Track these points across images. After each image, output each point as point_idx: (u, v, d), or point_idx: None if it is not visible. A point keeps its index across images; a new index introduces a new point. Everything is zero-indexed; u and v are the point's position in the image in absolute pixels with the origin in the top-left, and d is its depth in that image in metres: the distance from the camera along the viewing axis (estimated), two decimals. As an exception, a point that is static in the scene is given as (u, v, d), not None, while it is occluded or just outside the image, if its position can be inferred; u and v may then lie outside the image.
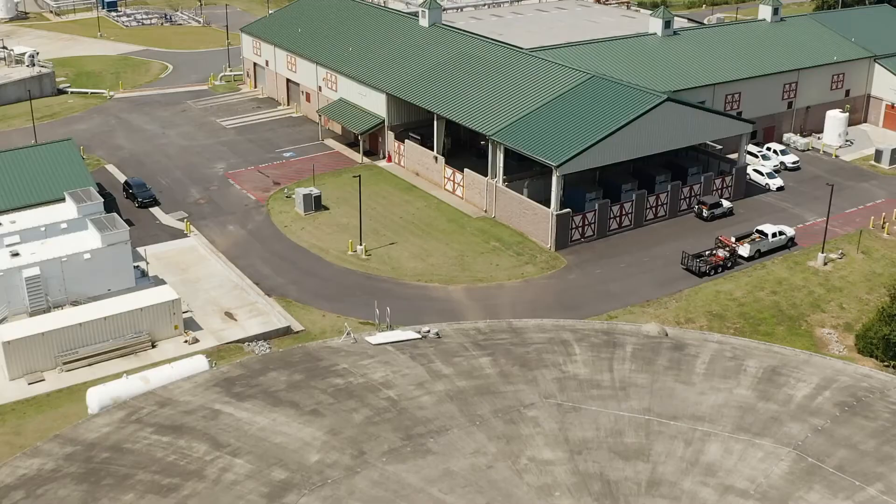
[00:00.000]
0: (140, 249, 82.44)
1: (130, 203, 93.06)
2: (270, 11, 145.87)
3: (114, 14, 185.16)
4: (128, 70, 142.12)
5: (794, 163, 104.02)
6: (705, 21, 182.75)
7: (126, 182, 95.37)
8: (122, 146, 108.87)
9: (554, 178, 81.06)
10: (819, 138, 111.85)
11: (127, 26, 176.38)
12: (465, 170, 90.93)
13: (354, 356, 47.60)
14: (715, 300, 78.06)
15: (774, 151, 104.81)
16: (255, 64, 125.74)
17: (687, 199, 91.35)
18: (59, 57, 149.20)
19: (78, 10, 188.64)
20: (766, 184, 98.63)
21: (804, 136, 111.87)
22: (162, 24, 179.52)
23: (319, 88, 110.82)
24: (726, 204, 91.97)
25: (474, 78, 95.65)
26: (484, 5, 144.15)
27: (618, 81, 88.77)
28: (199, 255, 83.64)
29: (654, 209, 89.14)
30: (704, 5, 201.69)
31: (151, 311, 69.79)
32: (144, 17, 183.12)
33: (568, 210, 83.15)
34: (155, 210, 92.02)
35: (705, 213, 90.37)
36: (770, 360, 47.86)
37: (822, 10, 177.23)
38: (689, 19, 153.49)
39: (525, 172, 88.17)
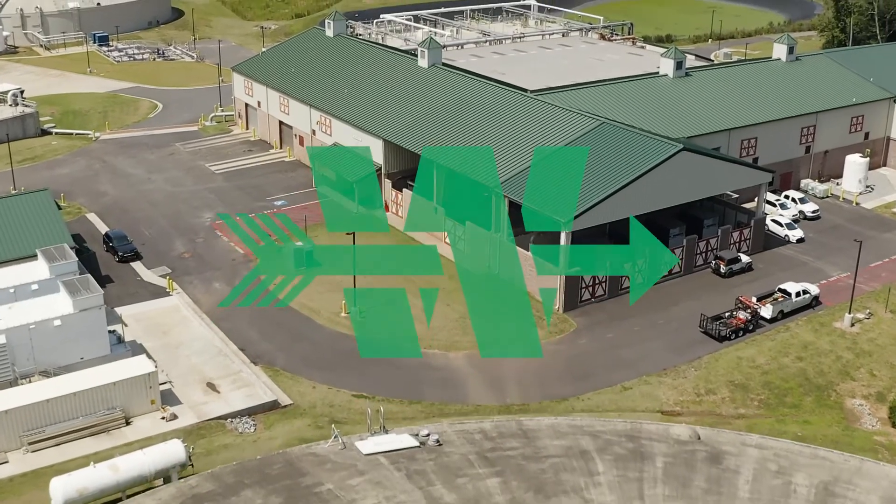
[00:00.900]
0: (119, 310, 76.92)
1: (111, 257, 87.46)
2: (263, 49, 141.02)
3: (105, 49, 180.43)
4: (116, 109, 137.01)
5: (813, 212, 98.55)
6: (712, 56, 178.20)
7: (106, 234, 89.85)
8: (105, 192, 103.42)
9: (562, 236, 75.46)
10: (838, 184, 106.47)
11: (118, 61, 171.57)
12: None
13: (342, 471, 41.91)
14: (737, 368, 72.30)
15: (793, 200, 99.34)
16: (246, 104, 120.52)
17: (703, 254, 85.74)
18: (46, 94, 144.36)
19: (69, 45, 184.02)
20: (786, 235, 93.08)
21: (822, 182, 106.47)
22: (154, 59, 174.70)
23: (313, 132, 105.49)
24: (745, 259, 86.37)
25: (477, 124, 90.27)
26: (485, 41, 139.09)
27: (629, 129, 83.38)
28: (182, 316, 77.94)
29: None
30: (710, 40, 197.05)
31: (126, 384, 64.08)
32: (136, 52, 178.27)
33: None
34: (136, 265, 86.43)
35: (723, 269, 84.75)
36: (820, 472, 42.22)
37: (831, 45, 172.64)
38: (696, 55, 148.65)
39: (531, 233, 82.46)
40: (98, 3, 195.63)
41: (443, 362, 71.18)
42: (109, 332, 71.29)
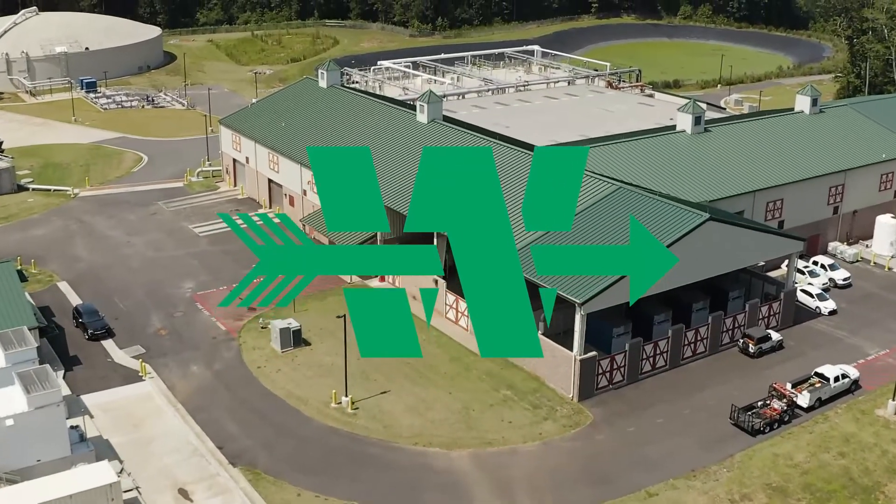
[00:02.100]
0: (85, 398, 69.28)
1: (81, 333, 79.84)
2: (253, 101, 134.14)
3: (92, 95, 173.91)
4: (98, 161, 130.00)
5: (844, 279, 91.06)
6: (722, 102, 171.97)
7: (76, 308, 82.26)
8: (80, 257, 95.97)
9: (577, 318, 67.94)
10: (868, 247, 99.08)
11: (105, 109, 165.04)
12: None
13: None
14: (773, 467, 64.39)
15: (822, 266, 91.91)
16: (234, 160, 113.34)
17: (730, 332, 78.15)
18: (27, 145, 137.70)
19: (55, 91, 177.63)
20: (817, 307, 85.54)
21: (851, 245, 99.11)
22: (143, 106, 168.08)
23: (304, 192, 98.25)
24: (775, 336, 78.75)
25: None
26: (488, 91, 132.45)
27: (648, 194, 76.04)
28: (155, 406, 70.19)
29: (692, 345, 75.92)
30: (719, 85, 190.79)
31: (84, 497, 56.16)
32: (125, 98, 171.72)
33: (594, 353, 69.91)
34: (108, 343, 78.76)
35: (752, 348, 77.10)
36: None
37: (846, 91, 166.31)
38: (707, 104, 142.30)
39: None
40: (86, 48, 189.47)
41: (444, 464, 63.34)
42: (72, 427, 63.62)
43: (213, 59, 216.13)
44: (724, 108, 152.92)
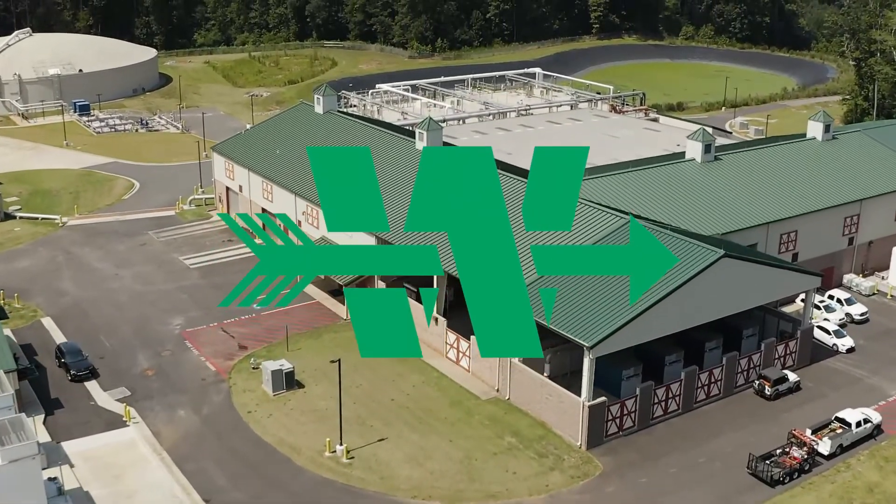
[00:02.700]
0: (66, 445, 65.65)
1: (64, 373, 76.04)
2: (247, 126, 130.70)
3: (85, 119, 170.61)
4: (89, 188, 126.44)
5: (861, 314, 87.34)
6: (727, 125, 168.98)
7: (59, 347, 78.46)
8: (65, 291, 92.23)
9: (586, 362, 64.16)
10: (884, 278, 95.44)
11: (98, 132, 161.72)
12: (473, 339, 74.03)
13: None
14: (795, 522, 60.57)
15: (838, 301, 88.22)
16: (227, 188, 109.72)
17: (745, 373, 74.38)
18: (17, 171, 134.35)
19: (47, 114, 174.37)
20: (834, 344, 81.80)
21: (867, 277, 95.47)
22: (136, 130, 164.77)
23: (299, 223, 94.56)
24: (792, 377, 74.96)
25: (482, 219, 79.28)
26: (489, 115, 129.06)
27: (660, 229, 72.32)
28: (139, 454, 66.28)
29: (705, 387, 72.12)
30: (724, 108, 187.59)
31: (58, 560, 52.41)
32: (118, 122, 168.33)
33: (603, 399, 66.07)
34: (91, 385, 74.90)
35: (768, 390, 73.28)
36: None
37: (854, 114, 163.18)
38: (713, 128, 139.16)
39: (546, 341, 71.28)
40: (80, 70, 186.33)
41: (445, 519, 59.47)
42: (49, 479, 59.90)
43: (210, 80, 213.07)
44: (731, 132, 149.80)
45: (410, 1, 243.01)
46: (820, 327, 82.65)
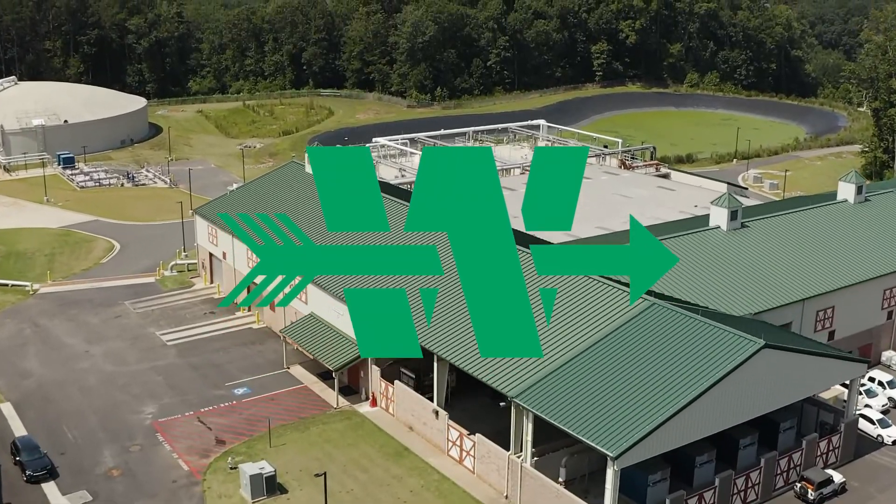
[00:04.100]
0: (12, 564, 57.16)
1: (19, 472, 67.57)
2: (231, 188, 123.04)
3: (69, 172, 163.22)
4: (66, 250, 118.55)
5: (906, 399, 79.15)
6: (740, 179, 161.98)
7: (14, 443, 70.07)
8: (30, 372, 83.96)
9: (610, 473, 55.76)
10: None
11: (82, 187, 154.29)
12: (478, 436, 65.64)
13: None
14: None
15: (880, 383, 79.99)
16: (210, 254, 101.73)
17: (784, 474, 65.95)
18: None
19: (30, 167, 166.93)
20: (878, 435, 73.44)
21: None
22: (122, 184, 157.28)
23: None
24: (837, 478, 66.48)
25: (487, 297, 71.31)
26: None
27: (689, 313, 64.17)
28: (95, 576, 57.73)
29: (741, 493, 63.64)
30: (735, 160, 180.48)
31: None
32: (103, 175, 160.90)
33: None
34: (48, 487, 66.32)
35: (811, 494, 64.78)
36: None
37: (873, 167, 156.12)
38: (728, 183, 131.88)
39: (561, 441, 63.06)
40: (65, 121, 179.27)
41: None
42: None
43: (202, 131, 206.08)
44: (746, 188, 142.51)
45: (409, 49, 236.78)
46: (862, 415, 74.29)
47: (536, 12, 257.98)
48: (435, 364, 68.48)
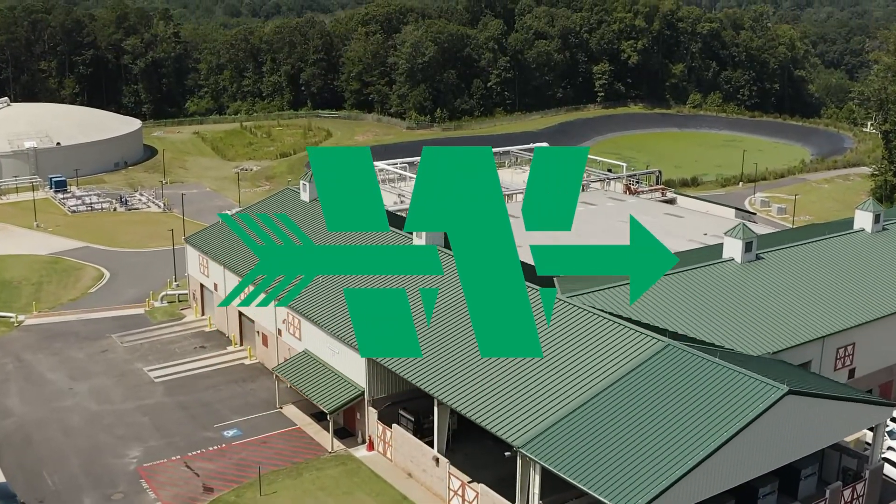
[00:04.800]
0: None
1: (-7, 523, 63.67)
2: (228, 213, 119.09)
3: (61, 195, 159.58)
4: (53, 279, 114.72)
5: (931, 441, 75.09)
6: (747, 203, 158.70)
7: (-12, 491, 66.21)
8: (10, 411, 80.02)
9: (623, 531, 51.76)
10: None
11: (73, 211, 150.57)
12: (481, 486, 61.67)
13: None
14: None
15: (903, 424, 76.06)
16: (202, 285, 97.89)
17: (808, 526, 62.06)
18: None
19: (21, 190, 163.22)
20: (905, 480, 69.51)
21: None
22: (115, 208, 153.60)
23: (279, 332, 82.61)
24: (864, 530, 62.61)
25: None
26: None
27: (707, 356, 60.32)
28: None
29: (763, 547, 59.71)
30: (741, 183, 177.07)
31: None
32: (96, 199, 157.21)
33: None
34: (24, 540, 62.47)
35: (838, 548, 60.90)
36: None
37: (883, 190, 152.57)
38: (736, 208, 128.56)
39: (570, 492, 59.08)
40: (58, 143, 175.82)
41: None
42: None
43: (198, 153, 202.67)
44: (754, 213, 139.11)
45: (409, 69, 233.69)
46: (886, 459, 70.35)
47: (537, 32, 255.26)
48: (435, 408, 64.56)
